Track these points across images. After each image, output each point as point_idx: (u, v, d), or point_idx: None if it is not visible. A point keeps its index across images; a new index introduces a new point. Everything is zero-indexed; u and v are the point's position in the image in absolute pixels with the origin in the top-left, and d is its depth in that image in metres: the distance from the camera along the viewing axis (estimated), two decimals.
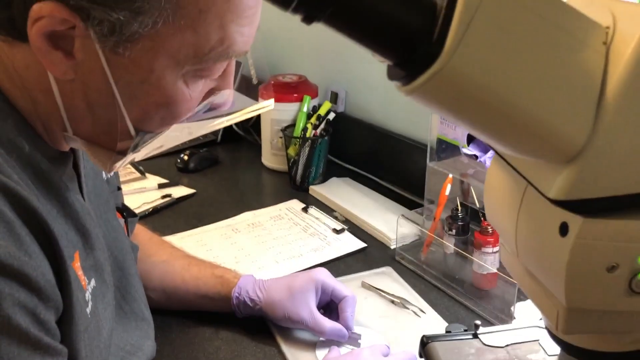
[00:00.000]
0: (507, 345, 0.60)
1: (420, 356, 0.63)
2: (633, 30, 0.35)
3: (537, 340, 0.60)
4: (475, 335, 0.61)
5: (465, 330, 0.63)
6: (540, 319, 0.63)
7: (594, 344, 0.46)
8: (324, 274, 0.91)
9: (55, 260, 0.52)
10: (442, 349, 0.59)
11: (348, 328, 0.88)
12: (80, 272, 0.58)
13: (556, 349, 0.58)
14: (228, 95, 0.62)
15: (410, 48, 0.34)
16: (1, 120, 0.53)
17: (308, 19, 0.34)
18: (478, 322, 0.62)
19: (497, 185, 0.47)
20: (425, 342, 0.61)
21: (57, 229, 0.53)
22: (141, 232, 1.00)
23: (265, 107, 0.70)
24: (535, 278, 0.44)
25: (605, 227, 0.37)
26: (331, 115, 1.43)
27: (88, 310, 0.58)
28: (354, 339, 0.88)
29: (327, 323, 0.87)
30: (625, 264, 0.38)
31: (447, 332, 0.63)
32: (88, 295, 0.59)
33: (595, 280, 0.38)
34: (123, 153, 0.58)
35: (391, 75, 0.37)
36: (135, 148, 0.58)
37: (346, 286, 0.92)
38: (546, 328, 0.49)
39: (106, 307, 0.65)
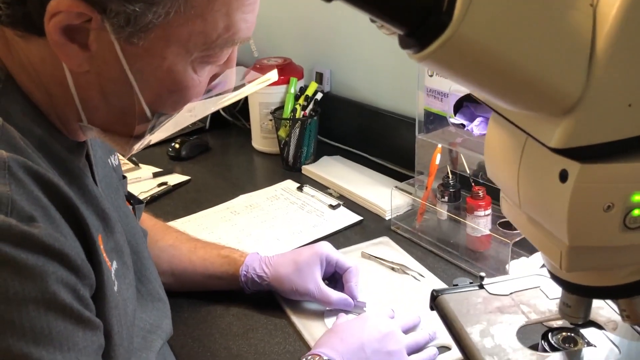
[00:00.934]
0: (511, 293, 0.64)
1: (432, 309, 0.67)
2: None
3: (538, 287, 0.65)
4: (481, 286, 0.66)
5: (471, 283, 0.67)
6: (541, 267, 0.68)
7: (591, 280, 0.51)
8: (327, 247, 0.96)
9: (86, 243, 0.55)
10: (451, 300, 0.64)
11: (353, 297, 0.92)
12: (104, 255, 0.61)
13: (556, 293, 0.63)
14: (230, 77, 0.65)
15: (421, 19, 0.38)
16: (20, 113, 0.55)
17: None
18: (483, 274, 0.67)
19: (497, 142, 0.52)
20: (436, 296, 0.66)
21: (84, 213, 0.56)
22: (146, 219, 1.02)
23: (269, 79, 0.73)
24: (538, 224, 0.49)
25: (601, 171, 0.42)
26: (319, 95, 1.46)
27: (115, 289, 0.61)
28: (359, 307, 0.93)
29: (333, 294, 0.91)
30: (620, 203, 0.42)
31: (454, 285, 0.67)
32: (113, 277, 0.62)
33: (594, 219, 0.43)
34: (140, 136, 0.61)
35: (403, 45, 0.41)
36: (151, 130, 0.61)
37: (349, 258, 0.96)
38: (548, 271, 0.54)
39: (128, 287, 0.67)
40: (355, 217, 1.21)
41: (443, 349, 0.84)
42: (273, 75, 0.74)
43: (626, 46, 0.39)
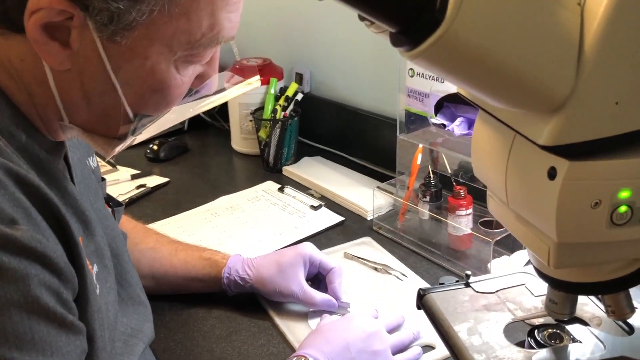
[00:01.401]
0: (497, 291, 0.65)
1: (418, 308, 0.67)
2: None
3: (524, 284, 0.66)
4: (467, 285, 0.67)
5: (457, 281, 0.68)
6: (525, 265, 0.69)
7: (577, 276, 0.51)
8: (310, 248, 0.95)
9: (67, 245, 0.54)
10: (438, 298, 0.64)
11: (337, 298, 0.92)
12: (86, 258, 0.59)
13: (541, 291, 0.64)
14: (213, 80, 0.64)
15: (414, 16, 0.38)
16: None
17: None
18: (469, 272, 0.68)
19: (484, 140, 0.52)
20: (422, 294, 0.66)
21: (66, 216, 0.54)
22: (125, 222, 1.01)
23: (251, 84, 0.73)
24: (526, 222, 0.49)
25: (588, 168, 0.42)
26: (299, 96, 1.46)
27: (97, 292, 0.60)
28: (343, 308, 0.93)
29: (317, 295, 0.91)
30: (607, 200, 0.43)
31: (440, 284, 0.67)
32: (95, 280, 0.61)
33: (582, 216, 0.44)
34: (122, 137, 0.60)
35: (394, 43, 0.41)
36: (134, 131, 0.60)
37: (332, 258, 0.96)
38: (535, 268, 0.55)
39: (109, 291, 0.66)
40: (337, 218, 1.21)
41: (427, 348, 0.84)
42: (255, 80, 0.74)
43: (613, 45, 0.40)
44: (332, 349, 0.77)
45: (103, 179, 0.84)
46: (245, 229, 1.19)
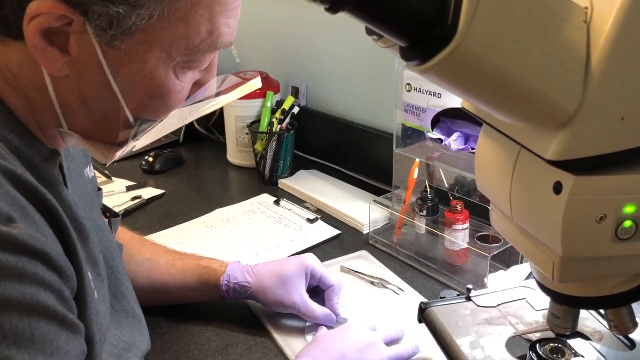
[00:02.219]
0: (498, 305, 0.65)
1: (420, 321, 0.67)
2: (608, 9, 0.41)
3: (524, 298, 0.66)
4: (469, 298, 0.67)
5: (458, 295, 0.68)
6: (525, 279, 0.69)
7: (580, 290, 0.52)
8: (313, 260, 0.94)
9: (65, 244, 0.54)
10: (439, 312, 0.64)
11: (335, 314, 0.92)
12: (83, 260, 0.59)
13: (542, 305, 0.64)
14: (212, 85, 0.64)
15: (425, 31, 0.38)
16: None
17: (333, 9, 0.38)
18: (470, 286, 0.68)
19: (488, 154, 0.52)
20: (424, 308, 0.66)
21: (63, 216, 0.54)
22: (121, 232, 1.00)
23: (253, 85, 0.72)
24: (529, 236, 0.50)
25: (594, 183, 0.43)
26: (295, 109, 1.46)
27: (95, 295, 0.60)
28: (340, 323, 0.92)
29: (318, 308, 0.90)
30: (612, 214, 0.44)
31: (441, 297, 0.68)
32: (92, 284, 0.60)
33: (587, 230, 0.44)
34: (122, 143, 0.60)
35: (404, 57, 0.41)
36: (134, 136, 0.60)
37: (333, 272, 0.96)
38: (537, 282, 0.55)
39: (101, 300, 0.65)
40: (333, 231, 1.21)
41: None
42: (256, 82, 0.74)
43: (619, 61, 0.41)
44: (327, 358, 0.76)
45: (99, 189, 0.83)
46: (242, 242, 1.18)
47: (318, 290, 0.96)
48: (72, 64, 0.53)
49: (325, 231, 1.21)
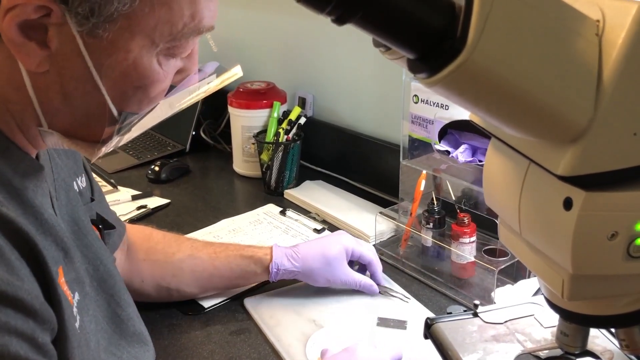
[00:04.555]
0: (505, 322, 0.64)
1: (426, 337, 0.66)
2: (621, 22, 0.40)
3: (532, 315, 0.65)
4: (476, 314, 0.66)
5: (465, 311, 0.67)
6: (533, 295, 0.68)
7: (590, 309, 0.51)
8: (351, 241, 1.00)
9: (44, 281, 0.52)
10: (446, 328, 0.63)
11: (379, 283, 1.02)
12: (65, 288, 0.57)
13: (551, 322, 0.63)
14: (193, 74, 0.63)
15: (434, 44, 0.38)
16: None
17: (340, 21, 0.37)
18: (477, 301, 0.67)
19: (497, 169, 0.51)
20: (430, 324, 0.65)
21: (42, 247, 0.52)
22: (153, 233, 1.01)
23: (235, 74, 0.70)
24: (538, 252, 0.49)
25: (605, 199, 0.42)
26: (302, 120, 1.46)
27: (77, 325, 0.58)
28: (386, 290, 1.02)
29: (364, 280, 1.00)
30: (624, 232, 0.43)
31: (448, 313, 0.66)
32: (75, 310, 0.59)
33: (598, 247, 0.43)
34: (106, 139, 0.58)
35: (412, 69, 0.41)
36: (119, 131, 0.58)
37: (368, 248, 1.03)
38: (546, 299, 0.54)
39: (91, 319, 0.64)
40: None
41: None
42: (237, 70, 0.71)
43: (631, 75, 0.40)
44: None
45: (92, 200, 0.81)
46: None
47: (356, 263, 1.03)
48: (52, 58, 0.51)
49: None
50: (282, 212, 1.33)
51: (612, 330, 0.59)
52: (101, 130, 0.56)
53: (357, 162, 1.48)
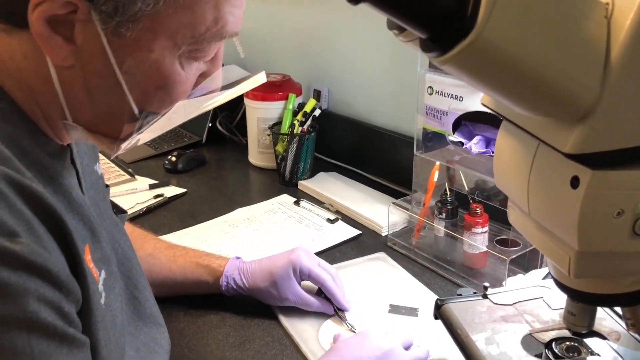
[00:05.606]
0: (514, 303, 0.65)
1: (436, 318, 0.68)
2: (629, 5, 0.41)
3: (541, 297, 0.66)
4: (485, 296, 0.67)
5: (475, 293, 0.68)
6: (543, 279, 0.69)
7: (597, 287, 0.52)
8: (300, 258, 0.94)
9: (70, 256, 0.53)
10: (456, 309, 0.64)
11: (339, 305, 0.94)
12: (91, 265, 0.59)
13: (559, 304, 0.64)
14: (217, 78, 0.63)
15: (445, 23, 0.39)
16: (1, 118, 0.53)
17: (355, 0, 0.39)
18: (487, 284, 0.68)
19: (507, 151, 0.53)
20: (440, 305, 0.66)
21: (70, 224, 0.54)
22: (125, 226, 1.02)
23: (258, 80, 0.70)
24: (546, 232, 0.50)
25: (612, 178, 0.43)
26: (317, 112, 1.47)
27: (102, 301, 0.60)
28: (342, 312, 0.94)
29: (314, 302, 0.94)
30: (630, 210, 0.44)
31: (458, 295, 0.68)
32: (101, 287, 0.60)
33: (604, 225, 0.44)
34: (127, 135, 0.59)
35: (425, 49, 0.42)
36: (139, 129, 0.59)
37: (323, 264, 0.97)
38: (554, 279, 0.55)
39: (116, 297, 0.66)
40: (353, 231, 1.22)
41: None
42: (261, 76, 0.72)
43: (638, 57, 0.41)
44: None
45: (107, 186, 0.83)
46: (263, 241, 1.20)
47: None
48: (77, 53, 0.52)
49: (345, 231, 1.22)
50: (296, 203, 1.35)
51: (619, 312, 0.60)
52: (121, 127, 0.58)
53: (370, 154, 1.49)
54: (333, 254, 1.15)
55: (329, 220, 1.27)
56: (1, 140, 0.50)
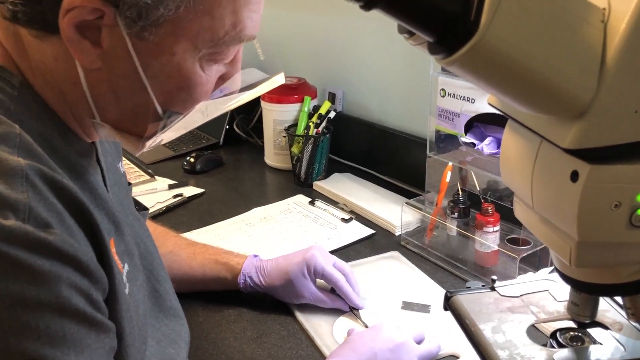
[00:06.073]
0: (521, 295, 0.68)
1: (445, 309, 0.70)
2: (624, 10, 0.44)
3: (547, 290, 0.69)
4: (493, 289, 0.70)
5: (483, 286, 0.71)
6: (550, 273, 0.71)
7: (598, 278, 0.54)
8: (315, 258, 0.97)
9: (98, 247, 0.57)
10: (464, 300, 0.67)
11: (353, 304, 0.97)
12: (116, 257, 0.62)
13: (564, 296, 0.67)
14: (237, 80, 0.66)
15: (450, 28, 0.42)
16: (34, 119, 0.56)
17: (367, 7, 0.42)
18: (494, 277, 0.71)
19: (512, 148, 0.56)
20: (449, 296, 0.69)
21: (97, 218, 0.57)
22: (146, 224, 1.05)
23: (277, 81, 0.73)
24: (549, 224, 0.53)
25: (609, 172, 0.46)
26: (332, 114, 1.51)
27: (127, 291, 0.63)
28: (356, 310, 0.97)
29: (329, 300, 0.97)
30: (627, 202, 0.46)
31: (466, 287, 0.71)
32: (125, 279, 0.64)
33: (602, 217, 0.47)
34: (152, 134, 0.62)
35: (432, 51, 0.45)
36: (163, 128, 0.62)
37: (338, 263, 0.99)
38: (557, 271, 0.58)
39: (139, 289, 0.69)
40: (367, 231, 1.25)
41: (451, 358, 0.86)
42: (280, 78, 0.74)
43: (633, 58, 0.44)
44: (359, 357, 0.79)
45: (129, 184, 0.87)
46: (280, 239, 1.23)
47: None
48: (104, 56, 0.56)
49: (359, 231, 1.25)
50: (311, 202, 1.39)
51: (622, 303, 0.63)
52: (146, 125, 0.61)
53: (384, 155, 1.52)
54: (347, 252, 1.18)
55: (343, 219, 1.29)
56: (33, 138, 0.53)
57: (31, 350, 0.47)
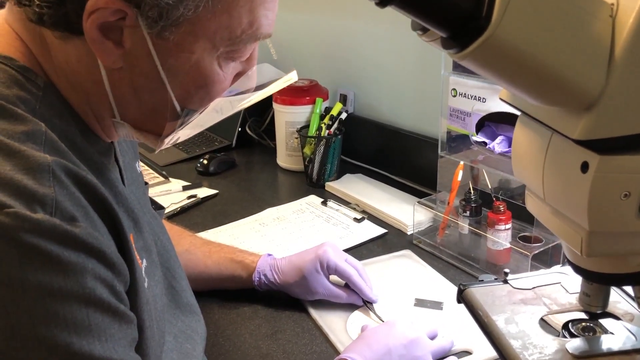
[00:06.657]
0: (533, 288, 0.69)
1: (459, 302, 0.71)
2: (632, 5, 0.45)
3: (559, 282, 0.70)
4: (505, 281, 0.71)
5: (496, 279, 0.72)
6: (561, 266, 0.73)
7: (608, 267, 0.55)
8: (327, 254, 0.99)
9: (120, 241, 0.59)
10: (477, 292, 0.68)
11: (366, 298, 0.98)
12: (135, 253, 0.63)
13: (576, 288, 0.68)
14: (253, 76, 0.68)
15: (463, 23, 0.44)
16: (58, 119, 0.58)
17: (382, 4, 0.43)
18: (507, 270, 0.72)
19: (524, 142, 0.57)
20: (463, 289, 0.70)
21: (119, 214, 0.59)
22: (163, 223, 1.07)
23: (290, 79, 0.75)
24: (560, 215, 0.54)
25: (618, 162, 0.47)
26: (343, 115, 1.52)
27: (146, 285, 0.65)
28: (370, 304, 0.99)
29: (343, 294, 0.99)
30: (636, 192, 0.48)
31: (479, 280, 0.72)
32: (144, 273, 0.65)
33: (612, 206, 0.48)
34: (170, 131, 0.64)
35: (445, 46, 0.47)
36: (181, 125, 0.64)
37: (350, 260, 1.01)
38: (569, 262, 0.59)
39: (157, 284, 0.71)
40: (379, 230, 1.26)
41: (464, 353, 0.87)
42: (293, 75, 0.76)
43: (639, 52, 0.45)
44: (373, 353, 0.80)
45: (146, 183, 0.89)
46: (293, 239, 1.25)
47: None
48: (126, 56, 0.57)
49: (371, 230, 1.26)
50: (324, 203, 1.40)
51: (632, 294, 0.64)
52: (165, 123, 0.63)
53: (395, 156, 1.53)
54: (360, 251, 1.20)
55: (355, 219, 1.31)
56: (58, 136, 0.55)
57: (59, 340, 0.48)
